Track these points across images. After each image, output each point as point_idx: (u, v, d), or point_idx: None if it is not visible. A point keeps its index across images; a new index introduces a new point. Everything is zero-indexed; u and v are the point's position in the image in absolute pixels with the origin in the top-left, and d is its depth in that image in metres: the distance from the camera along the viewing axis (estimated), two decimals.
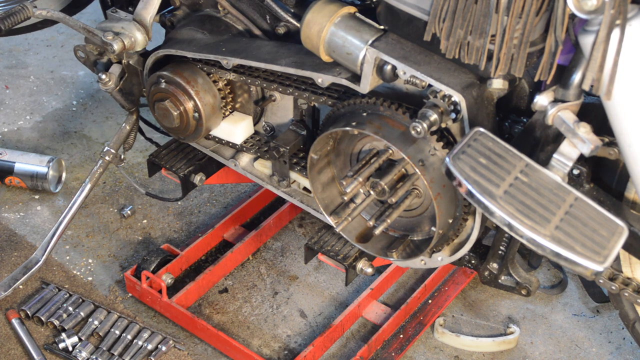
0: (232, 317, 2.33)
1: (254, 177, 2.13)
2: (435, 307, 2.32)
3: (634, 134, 1.44)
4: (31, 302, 2.30)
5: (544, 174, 1.49)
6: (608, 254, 1.41)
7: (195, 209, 2.68)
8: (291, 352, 2.24)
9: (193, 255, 2.44)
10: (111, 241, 2.56)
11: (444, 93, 1.63)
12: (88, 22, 2.15)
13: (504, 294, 2.40)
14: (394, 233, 1.93)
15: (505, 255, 1.91)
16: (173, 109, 2.03)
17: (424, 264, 1.92)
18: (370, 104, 1.76)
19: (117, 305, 2.34)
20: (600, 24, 1.35)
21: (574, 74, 1.49)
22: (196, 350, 2.24)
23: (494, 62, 1.54)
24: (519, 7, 1.46)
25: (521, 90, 1.75)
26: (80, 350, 2.18)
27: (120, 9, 2.11)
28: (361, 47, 1.70)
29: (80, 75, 3.28)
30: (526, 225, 1.42)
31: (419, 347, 2.26)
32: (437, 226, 1.72)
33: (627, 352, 2.24)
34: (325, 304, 2.38)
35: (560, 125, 1.51)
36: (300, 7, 1.94)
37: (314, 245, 2.05)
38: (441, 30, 1.57)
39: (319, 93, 1.89)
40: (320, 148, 1.87)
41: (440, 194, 1.70)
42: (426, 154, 1.70)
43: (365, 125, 1.73)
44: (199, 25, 2.06)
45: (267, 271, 2.47)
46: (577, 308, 2.37)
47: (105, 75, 2.11)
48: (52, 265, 2.45)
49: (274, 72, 1.94)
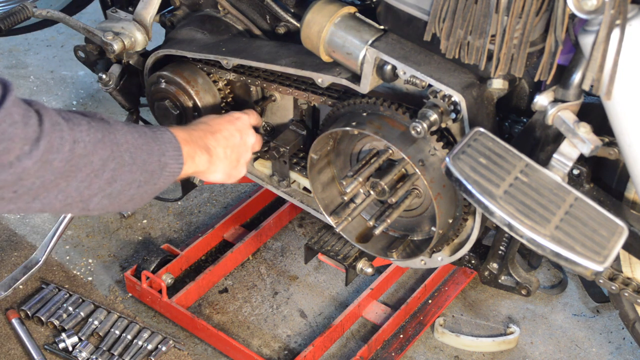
0: (232, 317, 2.33)
1: (254, 177, 2.13)
2: (435, 307, 2.32)
3: (634, 134, 1.44)
4: (31, 302, 2.30)
5: (544, 174, 1.49)
6: (608, 254, 1.41)
7: (195, 209, 2.68)
8: (291, 352, 2.24)
9: (193, 255, 2.44)
10: (111, 241, 2.56)
11: (444, 93, 1.63)
12: (88, 22, 2.15)
13: (504, 294, 2.40)
14: (394, 233, 1.93)
15: (505, 255, 1.91)
16: (173, 109, 2.03)
17: (424, 264, 1.92)
18: (370, 103, 1.76)
19: (117, 305, 2.34)
20: (600, 24, 1.35)
21: (574, 74, 1.49)
22: (196, 350, 2.24)
23: (494, 62, 1.54)
24: (519, 7, 1.46)
25: (521, 90, 1.75)
26: (80, 350, 2.18)
27: (120, 9, 2.11)
28: (361, 47, 1.70)
29: (80, 75, 3.28)
30: (526, 225, 1.42)
31: (419, 347, 2.26)
32: (437, 226, 1.72)
33: (627, 352, 2.24)
34: (325, 304, 2.38)
35: (560, 125, 1.51)
36: (300, 7, 1.94)
37: (314, 245, 2.05)
38: (441, 30, 1.57)
39: (319, 93, 1.89)
40: (320, 148, 1.86)
41: (440, 194, 1.70)
42: (426, 154, 1.70)
43: (365, 125, 1.73)
44: (199, 25, 2.06)
45: (267, 271, 2.47)
46: (577, 308, 2.37)
47: (105, 75, 2.11)
48: (52, 265, 2.45)
49: (274, 72, 1.94)
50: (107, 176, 1.34)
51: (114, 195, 1.38)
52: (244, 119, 1.83)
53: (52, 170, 1.25)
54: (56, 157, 1.25)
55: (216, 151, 1.69)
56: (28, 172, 1.23)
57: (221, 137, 1.72)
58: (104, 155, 1.33)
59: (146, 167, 1.41)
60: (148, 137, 1.44)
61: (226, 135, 1.74)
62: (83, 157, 1.29)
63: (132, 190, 1.40)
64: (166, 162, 1.46)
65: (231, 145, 1.74)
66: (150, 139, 1.44)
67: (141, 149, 1.41)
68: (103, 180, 1.34)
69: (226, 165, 1.73)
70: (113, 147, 1.34)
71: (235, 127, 1.78)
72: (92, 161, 1.31)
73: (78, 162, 1.29)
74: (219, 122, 1.76)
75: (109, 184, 1.35)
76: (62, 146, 1.25)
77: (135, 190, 1.41)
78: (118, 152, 1.35)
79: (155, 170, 1.44)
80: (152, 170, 1.43)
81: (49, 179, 1.26)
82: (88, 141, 1.30)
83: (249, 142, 1.81)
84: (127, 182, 1.38)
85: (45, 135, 1.23)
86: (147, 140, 1.43)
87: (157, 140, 1.46)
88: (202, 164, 1.63)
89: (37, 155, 1.22)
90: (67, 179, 1.28)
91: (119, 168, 1.35)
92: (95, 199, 1.35)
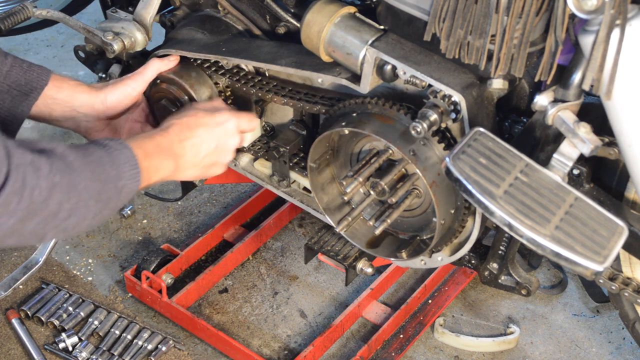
0: (232, 317, 2.33)
1: (254, 177, 2.13)
2: (435, 307, 2.32)
3: (634, 134, 1.44)
4: (31, 302, 2.30)
5: (544, 174, 1.49)
6: (608, 254, 1.41)
7: (195, 209, 2.68)
8: (291, 352, 2.24)
9: (193, 255, 2.44)
10: (111, 241, 2.56)
11: (444, 93, 1.63)
12: (88, 22, 2.14)
13: (504, 294, 2.40)
14: (404, 236, 1.92)
15: (505, 255, 1.91)
16: (172, 109, 2.02)
17: (424, 264, 1.92)
18: (359, 103, 1.76)
19: (117, 305, 2.34)
20: (600, 24, 1.35)
21: (574, 74, 1.49)
22: (196, 350, 2.24)
23: (494, 62, 1.54)
24: (519, 7, 1.46)
25: (521, 90, 1.75)
26: (80, 350, 2.18)
27: (120, 9, 2.11)
28: (361, 47, 1.70)
29: (80, 75, 3.28)
30: (526, 225, 1.42)
31: (419, 347, 2.26)
32: (438, 217, 1.70)
33: (627, 352, 2.24)
34: (325, 304, 2.38)
35: (560, 125, 1.51)
36: (300, 7, 1.94)
37: (314, 245, 2.05)
38: (441, 30, 1.57)
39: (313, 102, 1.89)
40: (318, 157, 1.86)
41: (435, 182, 1.69)
42: (418, 144, 1.69)
43: (354, 124, 1.73)
44: (199, 25, 2.06)
45: (267, 271, 2.47)
46: (577, 308, 2.37)
47: (105, 75, 2.11)
48: (52, 265, 2.45)
49: (269, 82, 1.95)
50: (63, 215, 1.35)
51: (70, 228, 1.39)
52: (228, 126, 1.74)
53: (11, 214, 1.27)
54: (15, 200, 1.26)
55: (185, 158, 1.66)
56: None
57: (189, 144, 1.66)
58: (61, 198, 1.33)
59: (101, 197, 1.41)
60: (104, 163, 1.43)
61: (196, 143, 1.67)
62: (40, 203, 1.31)
63: (88, 221, 1.41)
64: (123, 184, 1.46)
65: (203, 151, 1.69)
66: (107, 163, 1.44)
67: (98, 179, 1.41)
68: (58, 219, 1.35)
69: (197, 170, 1.70)
70: (69, 188, 1.35)
71: (211, 134, 1.70)
72: (49, 204, 1.32)
73: (35, 208, 1.30)
74: (194, 127, 1.69)
75: (64, 220, 1.36)
76: (23, 190, 1.27)
77: (91, 220, 1.42)
78: (75, 192, 1.36)
79: (112, 197, 1.44)
80: (108, 198, 1.43)
81: (7, 224, 1.28)
82: (44, 187, 1.30)
83: (228, 147, 1.74)
84: (82, 215, 1.39)
85: (11, 179, 1.25)
86: (104, 167, 1.43)
87: (114, 164, 1.45)
88: (167, 171, 1.62)
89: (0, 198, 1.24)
90: (23, 222, 1.30)
91: (75, 206, 1.36)
92: (50, 234, 1.38)
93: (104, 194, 1.42)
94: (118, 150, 1.48)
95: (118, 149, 1.48)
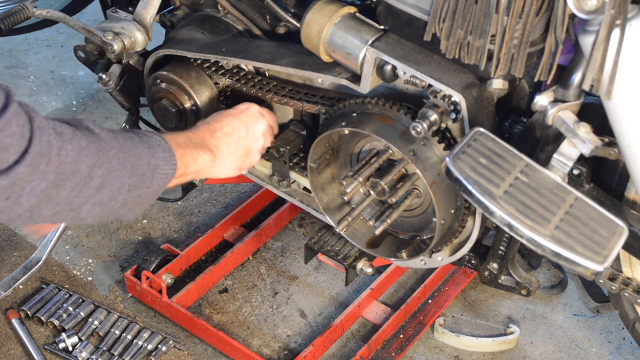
0: (232, 317, 2.33)
1: (254, 177, 2.13)
2: (435, 307, 2.32)
3: (634, 134, 1.44)
4: (31, 302, 2.30)
5: (544, 174, 1.49)
6: (608, 254, 1.41)
7: (195, 209, 2.68)
8: (291, 352, 2.24)
9: (193, 255, 2.44)
10: (111, 241, 2.56)
11: (444, 93, 1.63)
12: (88, 22, 2.14)
13: (504, 294, 2.40)
14: (404, 236, 1.92)
15: (505, 255, 1.91)
16: (172, 108, 2.02)
17: (424, 264, 1.92)
18: (359, 103, 1.76)
19: (117, 305, 2.34)
20: (600, 24, 1.35)
21: (574, 74, 1.49)
22: (196, 350, 2.24)
23: (494, 62, 1.54)
24: (519, 7, 1.46)
25: (521, 90, 1.75)
26: (80, 350, 2.18)
27: (120, 9, 2.11)
28: (361, 47, 1.70)
29: (80, 75, 3.28)
30: (526, 225, 1.42)
31: (419, 347, 2.26)
32: (438, 216, 1.71)
33: (627, 352, 2.24)
34: (325, 304, 2.38)
35: (560, 125, 1.51)
36: (300, 7, 1.94)
37: (314, 245, 2.05)
38: (441, 30, 1.57)
39: (313, 102, 1.89)
40: (318, 157, 1.86)
41: (435, 182, 1.69)
42: (418, 144, 1.69)
43: (354, 124, 1.73)
44: (199, 25, 2.06)
45: (267, 271, 2.47)
46: (577, 308, 2.37)
47: (105, 75, 2.11)
48: (52, 265, 2.45)
49: (269, 82, 1.95)
50: (95, 183, 1.33)
51: (105, 202, 1.36)
52: (251, 110, 1.81)
53: (42, 176, 1.25)
54: (43, 161, 1.24)
55: (220, 149, 1.69)
56: (20, 178, 1.22)
57: (222, 134, 1.72)
58: (90, 163, 1.31)
59: (135, 171, 1.39)
60: (135, 141, 1.43)
61: (228, 132, 1.73)
62: (70, 165, 1.28)
63: (123, 195, 1.39)
64: (156, 163, 1.45)
65: (235, 139, 1.74)
66: (138, 142, 1.43)
67: (128, 152, 1.39)
68: (92, 188, 1.33)
69: (233, 160, 1.74)
70: (99, 154, 1.33)
71: (239, 120, 1.77)
72: (80, 169, 1.30)
73: (65, 170, 1.28)
74: (221, 119, 1.75)
75: (97, 190, 1.34)
76: (49, 151, 1.25)
77: (126, 195, 1.39)
78: (105, 159, 1.34)
79: (146, 173, 1.42)
80: (142, 173, 1.41)
81: (40, 187, 1.26)
82: (71, 149, 1.28)
83: (257, 131, 1.80)
84: (116, 188, 1.36)
85: (35, 140, 1.23)
86: (134, 144, 1.42)
87: (145, 144, 1.45)
88: (204, 162, 1.63)
89: (27, 160, 1.22)
90: (57, 187, 1.28)
91: (107, 174, 1.34)
92: (86, 207, 1.34)
93: (137, 168, 1.40)
94: (148, 135, 1.48)
95: (148, 134, 1.49)
